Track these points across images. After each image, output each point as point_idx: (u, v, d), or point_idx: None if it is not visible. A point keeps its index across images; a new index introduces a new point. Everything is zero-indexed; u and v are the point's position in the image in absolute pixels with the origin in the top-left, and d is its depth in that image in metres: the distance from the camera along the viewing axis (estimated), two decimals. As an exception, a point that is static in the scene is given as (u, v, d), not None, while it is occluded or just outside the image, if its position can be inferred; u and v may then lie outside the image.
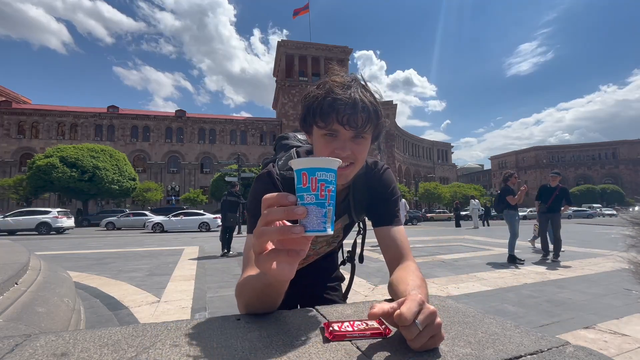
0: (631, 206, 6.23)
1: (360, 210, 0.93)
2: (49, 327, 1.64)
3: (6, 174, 40.83)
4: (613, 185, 61.09)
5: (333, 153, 0.72)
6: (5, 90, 48.52)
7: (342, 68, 0.77)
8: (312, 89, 0.75)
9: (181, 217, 19.21)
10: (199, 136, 50.74)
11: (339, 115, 0.69)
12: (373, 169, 0.91)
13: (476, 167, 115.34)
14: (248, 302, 0.63)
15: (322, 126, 0.72)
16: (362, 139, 0.74)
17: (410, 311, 0.47)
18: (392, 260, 0.81)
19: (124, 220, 22.28)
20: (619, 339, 2.42)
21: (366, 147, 0.76)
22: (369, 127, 0.73)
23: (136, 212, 23.53)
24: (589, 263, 5.74)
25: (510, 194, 6.10)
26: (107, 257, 7.30)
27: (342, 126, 0.70)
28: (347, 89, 0.70)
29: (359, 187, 0.89)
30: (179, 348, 0.47)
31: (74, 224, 19.42)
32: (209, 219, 19.34)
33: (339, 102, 0.69)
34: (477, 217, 17.71)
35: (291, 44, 54.39)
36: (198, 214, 19.95)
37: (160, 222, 18.57)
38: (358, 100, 0.70)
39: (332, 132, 0.72)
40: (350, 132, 0.71)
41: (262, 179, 0.83)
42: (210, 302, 3.64)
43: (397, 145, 61.66)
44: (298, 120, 0.81)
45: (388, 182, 0.91)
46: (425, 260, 6.39)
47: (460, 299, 3.64)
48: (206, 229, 18.97)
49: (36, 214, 17.52)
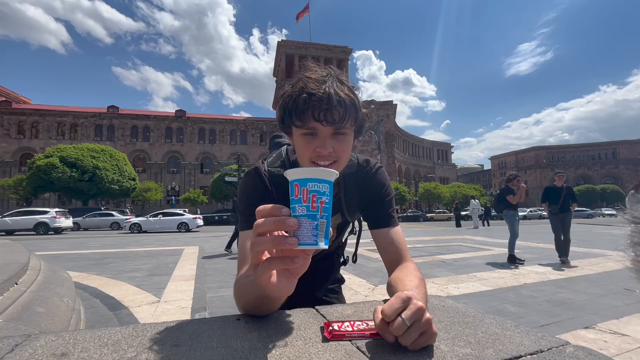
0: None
1: (353, 209, 0.91)
2: (49, 327, 1.64)
3: (6, 174, 40.84)
4: (613, 185, 61.06)
5: (314, 152, 0.69)
6: (5, 90, 48.53)
7: (316, 64, 0.74)
8: (287, 88, 0.72)
9: (159, 217, 18.93)
10: (199, 136, 50.77)
11: (315, 111, 0.66)
12: (365, 167, 0.89)
13: (476, 167, 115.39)
14: (245, 305, 0.63)
15: (300, 125, 0.69)
16: (343, 135, 0.71)
17: (392, 308, 0.47)
18: (390, 262, 0.80)
19: (90, 220, 22.02)
20: (619, 339, 2.42)
21: (348, 143, 0.73)
22: (348, 122, 0.69)
23: (102, 212, 23.33)
24: (589, 263, 5.74)
25: (511, 193, 6.10)
26: (107, 257, 7.30)
27: (320, 122, 0.67)
28: (321, 84, 0.67)
29: (350, 185, 0.87)
30: (179, 348, 0.47)
31: (72, 224, 19.36)
32: (188, 219, 19.06)
33: (314, 98, 0.66)
34: (477, 217, 17.71)
35: (291, 44, 54.42)
36: (177, 214, 19.71)
37: (138, 223, 18.33)
38: (333, 95, 0.66)
39: (311, 131, 0.69)
40: (329, 128, 0.68)
41: (249, 176, 0.83)
42: (210, 302, 3.64)
43: (397, 145, 61.69)
44: None
45: (381, 182, 0.89)
46: (425, 260, 6.39)
47: (460, 299, 3.64)
48: (185, 229, 18.61)
49: (34, 214, 17.45)
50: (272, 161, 0.87)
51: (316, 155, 0.69)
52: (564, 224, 6.07)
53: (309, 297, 1.05)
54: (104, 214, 22.98)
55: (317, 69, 0.72)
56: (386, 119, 55.31)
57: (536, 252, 7.17)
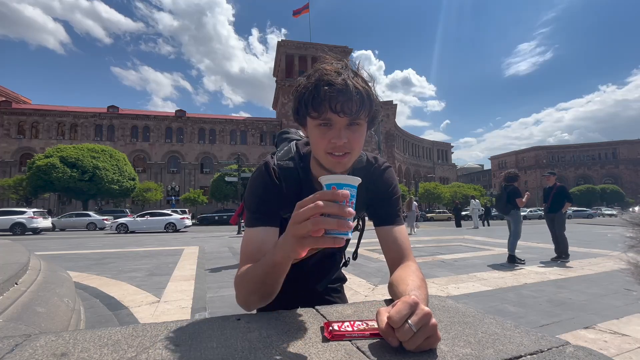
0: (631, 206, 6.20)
1: (360, 205, 0.90)
2: (49, 327, 1.64)
3: (6, 174, 40.79)
4: (613, 185, 61.03)
5: (329, 143, 0.70)
6: (5, 90, 48.49)
7: (334, 56, 0.75)
8: (302, 80, 0.73)
9: (147, 218, 18.66)
10: (199, 136, 50.71)
11: (332, 102, 0.67)
12: (373, 164, 0.90)
13: (476, 167, 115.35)
14: (247, 290, 0.65)
15: (316, 116, 0.70)
16: (357, 125, 0.72)
17: (399, 314, 0.47)
18: (393, 260, 0.81)
19: (65, 221, 21.58)
20: (619, 339, 2.42)
21: (362, 134, 0.74)
22: (364, 113, 0.71)
23: (79, 213, 23.10)
24: (589, 263, 5.74)
25: (519, 195, 6.03)
26: (107, 257, 7.30)
27: (336, 114, 0.68)
28: (338, 75, 0.69)
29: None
30: (179, 348, 0.47)
31: (51, 224, 18.99)
32: (176, 219, 18.79)
33: (331, 90, 0.67)
34: (477, 217, 17.71)
35: (291, 44, 54.39)
36: (164, 214, 19.40)
37: (125, 223, 18.08)
38: (350, 86, 0.67)
39: (326, 121, 0.70)
40: (345, 119, 0.69)
41: (258, 172, 0.83)
42: (210, 302, 3.64)
43: (397, 145, 61.65)
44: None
45: (389, 180, 0.90)
46: (425, 260, 6.38)
47: (460, 299, 3.64)
48: (173, 229, 18.38)
49: (11, 214, 17.12)
50: (282, 155, 0.88)
51: (331, 147, 0.70)
52: (555, 224, 6.08)
53: (312, 295, 1.05)
54: (81, 214, 22.59)
55: (333, 61, 0.73)
56: (386, 119, 55.27)
57: (536, 252, 7.17)
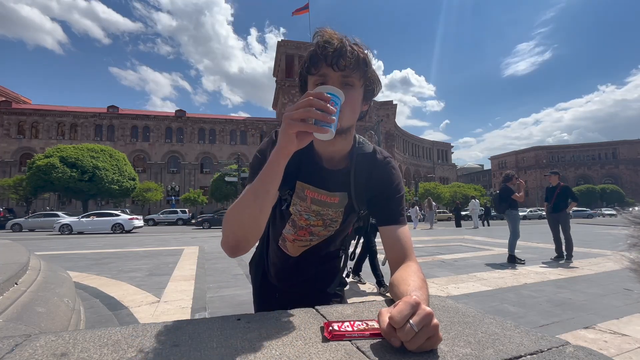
0: (631, 206, 6.21)
1: (360, 194, 0.88)
2: (49, 327, 1.64)
3: (6, 174, 40.78)
4: (613, 185, 60.99)
5: None
6: (5, 90, 48.48)
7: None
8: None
9: (92, 218, 17.86)
10: (199, 136, 50.70)
11: (328, 57, 0.73)
12: (378, 153, 0.89)
13: (476, 167, 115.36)
14: (236, 220, 0.69)
15: (314, 72, 0.76)
16: (351, 87, 0.76)
17: (401, 314, 0.47)
18: (395, 259, 0.81)
19: (33, 221, 20.93)
20: (619, 339, 2.42)
21: (355, 97, 0.77)
22: (357, 73, 0.76)
23: (47, 213, 22.61)
24: (589, 263, 5.74)
25: (512, 193, 6.06)
26: (106, 257, 7.30)
27: (330, 67, 0.73)
28: (335, 36, 0.75)
29: (363, 167, 0.87)
30: (179, 348, 0.47)
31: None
32: (124, 220, 17.82)
33: (328, 47, 0.73)
34: (477, 217, 17.71)
35: (291, 44, 54.35)
36: (111, 214, 18.44)
37: (69, 224, 17.34)
38: (346, 45, 0.74)
39: (322, 78, 0.75)
40: (339, 74, 0.74)
41: (268, 138, 0.88)
42: (210, 302, 3.64)
43: (397, 145, 61.64)
44: None
45: (394, 177, 0.88)
46: (425, 260, 6.38)
47: (460, 299, 3.64)
48: (120, 230, 17.50)
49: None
50: None
51: None
52: (561, 224, 6.05)
53: (312, 296, 1.04)
54: (49, 215, 21.74)
55: (333, 31, 0.78)
56: (386, 119, 55.26)
57: (536, 252, 7.17)
